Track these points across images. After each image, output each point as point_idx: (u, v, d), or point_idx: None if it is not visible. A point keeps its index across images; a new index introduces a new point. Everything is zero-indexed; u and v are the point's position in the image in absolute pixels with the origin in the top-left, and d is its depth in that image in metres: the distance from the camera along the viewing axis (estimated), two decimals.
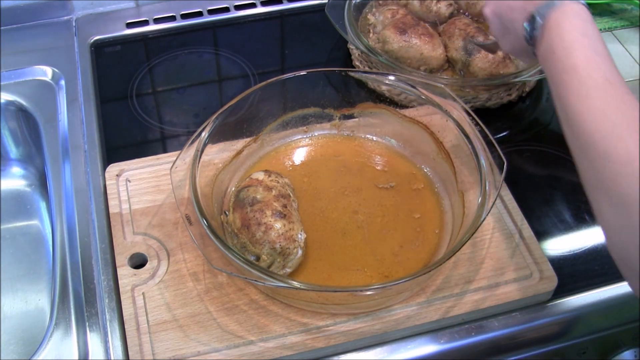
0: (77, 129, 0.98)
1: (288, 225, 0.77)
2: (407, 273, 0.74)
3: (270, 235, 0.76)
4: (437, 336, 0.77)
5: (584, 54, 0.62)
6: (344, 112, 0.94)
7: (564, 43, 0.63)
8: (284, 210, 0.78)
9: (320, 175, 0.89)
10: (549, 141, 0.99)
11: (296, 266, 0.77)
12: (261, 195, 0.79)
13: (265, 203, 0.78)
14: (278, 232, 0.76)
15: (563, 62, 0.63)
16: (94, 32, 1.14)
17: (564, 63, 0.63)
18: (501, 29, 0.78)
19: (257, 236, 0.76)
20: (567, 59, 0.62)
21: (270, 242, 0.75)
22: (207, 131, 0.83)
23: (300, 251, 0.77)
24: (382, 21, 1.07)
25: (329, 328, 0.75)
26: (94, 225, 0.86)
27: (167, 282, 0.78)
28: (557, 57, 0.64)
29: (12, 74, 1.06)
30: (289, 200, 0.80)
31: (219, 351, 0.73)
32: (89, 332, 0.77)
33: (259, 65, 1.10)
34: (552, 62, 0.65)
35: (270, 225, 0.76)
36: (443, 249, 0.81)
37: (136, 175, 0.89)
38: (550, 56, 0.65)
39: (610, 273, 0.83)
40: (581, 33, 0.64)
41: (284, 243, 0.75)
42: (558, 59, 0.63)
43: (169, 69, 1.10)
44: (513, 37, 0.75)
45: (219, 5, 1.20)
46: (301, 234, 0.77)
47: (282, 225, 0.76)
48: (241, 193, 0.80)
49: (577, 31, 0.64)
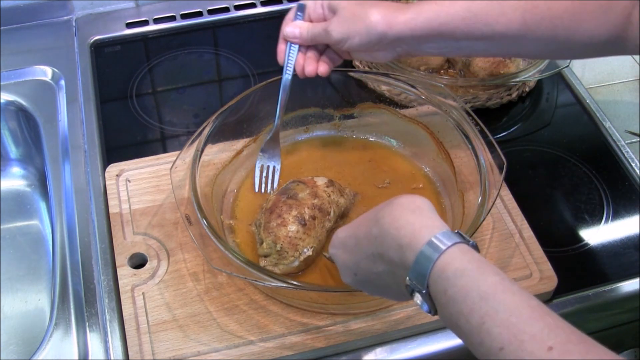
0: (77, 129, 0.98)
1: (301, 234, 0.76)
2: None
3: (280, 231, 0.76)
4: (437, 336, 0.77)
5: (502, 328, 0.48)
6: (344, 112, 0.94)
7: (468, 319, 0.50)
8: (308, 220, 0.77)
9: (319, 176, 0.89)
10: (549, 141, 0.99)
11: (287, 272, 0.77)
12: (302, 196, 0.79)
13: (299, 204, 0.78)
14: (288, 233, 0.76)
15: (482, 345, 0.49)
16: (94, 32, 1.14)
17: (483, 346, 0.49)
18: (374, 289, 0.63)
19: (271, 224, 0.77)
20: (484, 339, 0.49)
21: (275, 237, 0.76)
22: (207, 131, 0.83)
23: (296, 262, 0.76)
24: None
25: (328, 328, 0.75)
26: (94, 225, 0.86)
27: (167, 282, 0.78)
28: (468, 337, 0.51)
29: (12, 74, 1.06)
30: (324, 217, 0.79)
31: (219, 351, 0.73)
32: (89, 332, 0.77)
33: (259, 65, 1.10)
34: (464, 339, 0.52)
35: (286, 223, 0.76)
36: None
37: (136, 175, 0.89)
38: (458, 332, 0.52)
39: (610, 273, 0.83)
40: (479, 297, 0.50)
41: (285, 245, 0.75)
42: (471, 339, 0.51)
43: (169, 69, 1.10)
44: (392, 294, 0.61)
45: (219, 5, 1.20)
46: (308, 250, 0.77)
47: (295, 231, 0.76)
48: (293, 183, 0.81)
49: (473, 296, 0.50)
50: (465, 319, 0.50)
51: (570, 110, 1.05)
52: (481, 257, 0.53)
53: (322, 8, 0.77)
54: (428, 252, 0.53)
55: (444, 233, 0.53)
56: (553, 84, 1.08)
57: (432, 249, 0.52)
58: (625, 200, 0.92)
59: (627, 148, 0.98)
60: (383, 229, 0.57)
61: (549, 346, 0.46)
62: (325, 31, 0.75)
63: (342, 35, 0.74)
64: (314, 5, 0.78)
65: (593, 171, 0.95)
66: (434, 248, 0.52)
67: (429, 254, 0.52)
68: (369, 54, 0.76)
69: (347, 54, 0.79)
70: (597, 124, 1.02)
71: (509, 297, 0.50)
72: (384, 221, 0.57)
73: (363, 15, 0.72)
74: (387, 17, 0.71)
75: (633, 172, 0.95)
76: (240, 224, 0.84)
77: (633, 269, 0.83)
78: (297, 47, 0.79)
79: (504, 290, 0.50)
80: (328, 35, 0.75)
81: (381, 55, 0.76)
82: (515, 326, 0.48)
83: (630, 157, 0.96)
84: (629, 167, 0.96)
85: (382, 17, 0.71)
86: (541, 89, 1.08)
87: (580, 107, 1.04)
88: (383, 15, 0.71)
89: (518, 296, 0.50)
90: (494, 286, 0.50)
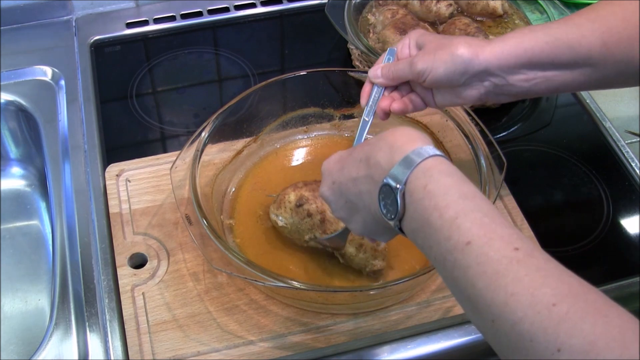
0: (77, 129, 0.98)
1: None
2: (407, 273, 0.74)
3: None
4: (437, 336, 0.77)
5: (474, 224, 0.50)
6: (344, 112, 0.94)
7: (442, 214, 0.51)
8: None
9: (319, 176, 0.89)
10: (549, 141, 0.99)
11: (327, 238, 0.76)
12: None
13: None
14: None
15: (449, 239, 0.50)
16: (94, 32, 1.14)
17: (450, 240, 0.50)
18: (346, 209, 0.64)
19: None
20: (453, 233, 0.50)
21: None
22: (207, 131, 0.83)
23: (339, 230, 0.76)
24: (382, 21, 1.07)
25: (329, 328, 0.75)
26: (93, 225, 0.86)
27: (167, 282, 0.78)
28: (437, 233, 0.51)
29: (12, 74, 1.06)
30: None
31: (219, 351, 0.73)
32: (89, 332, 0.77)
33: (259, 65, 1.10)
34: (430, 239, 0.52)
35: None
36: None
37: (136, 175, 0.89)
38: (425, 231, 0.53)
39: (610, 273, 0.83)
40: (460, 196, 0.52)
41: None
42: (439, 235, 0.51)
43: (169, 69, 1.10)
44: (364, 214, 0.61)
45: (219, 5, 1.20)
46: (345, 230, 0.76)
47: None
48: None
49: (453, 195, 0.52)
50: (439, 212, 0.51)
51: (570, 110, 1.05)
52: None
53: (409, 48, 0.75)
54: (421, 150, 0.55)
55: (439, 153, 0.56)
56: None
57: (425, 151, 0.55)
58: (625, 200, 0.92)
59: (627, 148, 0.98)
60: (380, 136, 0.59)
61: (515, 247, 0.48)
62: (409, 64, 0.72)
63: (426, 65, 0.70)
64: (401, 46, 0.76)
65: (593, 171, 0.95)
66: (427, 151, 0.55)
67: (422, 152, 0.55)
68: (454, 92, 0.73)
69: (430, 96, 0.75)
70: (597, 124, 1.02)
71: (486, 204, 0.52)
72: (382, 133, 0.60)
73: (448, 44, 0.70)
74: (473, 46, 0.70)
75: (633, 172, 0.95)
76: (240, 224, 0.84)
77: (633, 269, 0.83)
78: (381, 90, 0.75)
79: (483, 198, 0.53)
80: (412, 68, 0.72)
81: (467, 93, 0.72)
82: (488, 226, 0.50)
83: (630, 157, 0.96)
84: (629, 167, 0.96)
85: (468, 47, 0.70)
86: None
87: (580, 107, 1.05)
88: (469, 45, 0.70)
89: (495, 209, 0.52)
90: (475, 192, 0.53)
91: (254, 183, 0.89)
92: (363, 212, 0.61)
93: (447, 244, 0.51)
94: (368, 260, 0.77)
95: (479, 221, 0.50)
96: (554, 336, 0.43)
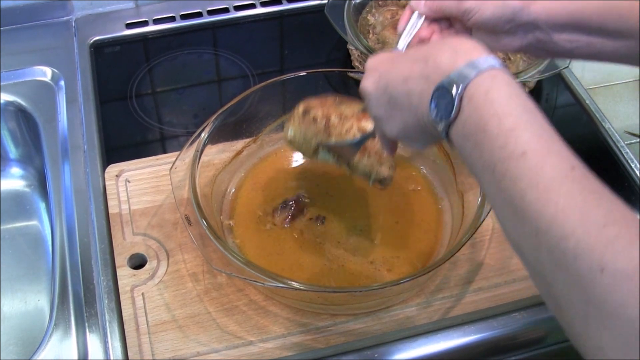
0: (77, 130, 0.98)
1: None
2: (407, 274, 0.74)
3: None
4: (437, 337, 0.77)
5: (533, 136, 0.49)
6: None
7: (501, 121, 0.50)
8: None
9: (319, 177, 0.89)
10: None
11: (338, 147, 0.76)
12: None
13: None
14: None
15: (504, 147, 0.49)
16: (94, 33, 1.14)
17: (505, 148, 0.49)
18: (388, 107, 0.60)
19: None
20: (509, 142, 0.49)
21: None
22: (207, 132, 0.83)
23: (353, 138, 0.74)
24: (381, 22, 1.07)
25: (328, 328, 0.75)
26: (93, 225, 0.86)
27: (166, 283, 0.78)
28: (492, 140, 0.50)
29: (12, 74, 1.06)
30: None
31: (219, 352, 0.73)
32: (89, 332, 0.77)
33: (259, 66, 1.10)
34: (481, 146, 0.51)
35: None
36: (442, 249, 0.81)
37: (136, 176, 0.89)
38: (478, 137, 0.51)
39: None
40: (522, 108, 0.50)
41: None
42: (493, 142, 0.50)
43: (169, 70, 1.10)
44: (406, 115, 0.58)
45: (219, 5, 1.20)
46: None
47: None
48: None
49: (515, 105, 0.50)
50: (498, 120, 0.50)
51: (570, 110, 1.05)
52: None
53: None
54: (489, 59, 0.53)
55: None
56: (553, 84, 1.08)
57: (491, 60, 0.53)
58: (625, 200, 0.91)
59: (627, 149, 0.98)
60: (442, 40, 0.58)
61: (572, 165, 0.48)
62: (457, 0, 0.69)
63: (475, 4, 0.68)
64: None
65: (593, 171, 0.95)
66: (492, 60, 0.53)
67: (488, 60, 0.53)
68: (495, 37, 0.70)
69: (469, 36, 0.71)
70: (597, 124, 1.02)
71: (547, 122, 0.50)
72: (444, 39, 0.58)
73: None
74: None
75: (633, 173, 0.95)
76: (240, 225, 0.84)
77: None
78: (421, 19, 0.71)
79: (544, 116, 0.51)
80: (459, 4, 0.69)
81: (508, 41, 0.70)
82: (546, 141, 0.49)
83: (629, 158, 0.96)
84: (628, 167, 0.96)
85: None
86: (541, 90, 1.08)
87: (579, 108, 1.04)
88: None
89: (555, 130, 0.50)
90: (537, 109, 0.51)
91: (254, 184, 0.89)
92: (406, 112, 0.58)
93: (501, 152, 0.49)
94: (373, 166, 0.76)
95: (538, 134, 0.49)
96: (599, 256, 0.43)
